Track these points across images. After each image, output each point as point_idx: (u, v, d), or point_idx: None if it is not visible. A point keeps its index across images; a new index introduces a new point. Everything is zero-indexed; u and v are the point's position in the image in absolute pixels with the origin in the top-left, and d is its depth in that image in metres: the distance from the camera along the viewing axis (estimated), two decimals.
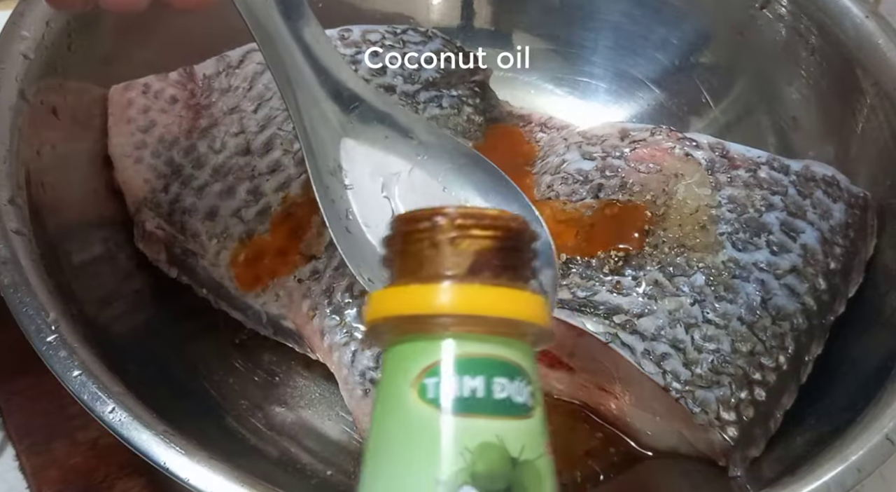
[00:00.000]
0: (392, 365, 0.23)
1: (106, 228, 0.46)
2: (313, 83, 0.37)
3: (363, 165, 0.38)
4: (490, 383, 0.22)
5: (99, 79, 0.48)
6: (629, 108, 0.58)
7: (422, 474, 0.22)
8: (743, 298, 0.41)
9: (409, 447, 0.22)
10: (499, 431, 0.22)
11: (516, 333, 0.24)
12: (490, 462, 0.22)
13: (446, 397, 0.22)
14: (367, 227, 0.37)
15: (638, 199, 0.45)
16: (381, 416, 0.23)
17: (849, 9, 0.49)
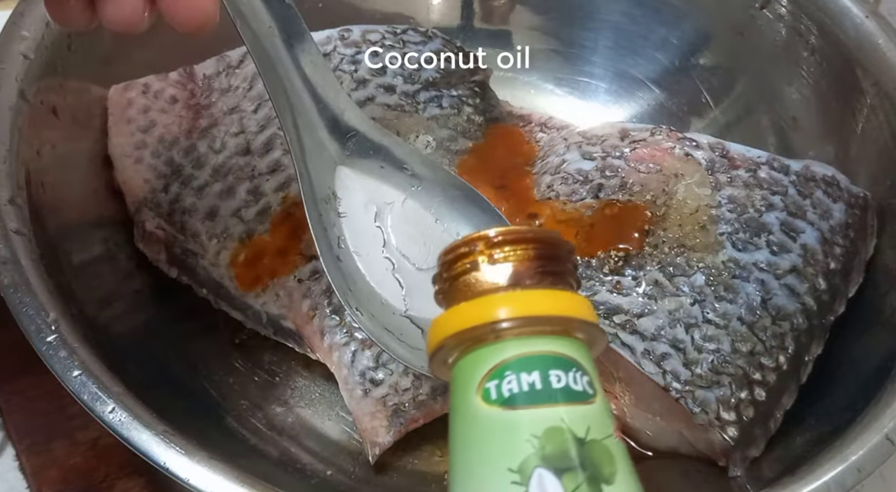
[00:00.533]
0: (458, 378, 0.26)
1: (106, 228, 0.46)
2: (312, 111, 0.38)
3: (357, 194, 0.38)
4: (546, 375, 0.24)
5: (99, 79, 0.48)
6: (629, 108, 0.58)
7: (496, 466, 0.23)
8: (743, 298, 0.41)
9: (482, 446, 0.24)
10: (563, 415, 0.24)
11: (562, 330, 0.26)
12: (558, 443, 0.23)
13: (508, 395, 0.24)
14: (357, 255, 0.37)
15: (638, 199, 0.45)
16: (455, 425, 0.25)
17: (849, 9, 0.49)
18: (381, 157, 0.39)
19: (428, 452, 0.44)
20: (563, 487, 0.23)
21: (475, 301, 0.26)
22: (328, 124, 0.38)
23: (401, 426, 0.41)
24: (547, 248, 0.27)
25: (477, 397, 0.25)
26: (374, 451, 0.41)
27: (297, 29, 0.37)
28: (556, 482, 0.23)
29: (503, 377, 0.25)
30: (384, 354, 0.43)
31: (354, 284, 0.36)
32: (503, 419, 0.24)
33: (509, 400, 0.24)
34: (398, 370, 0.42)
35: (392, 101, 0.49)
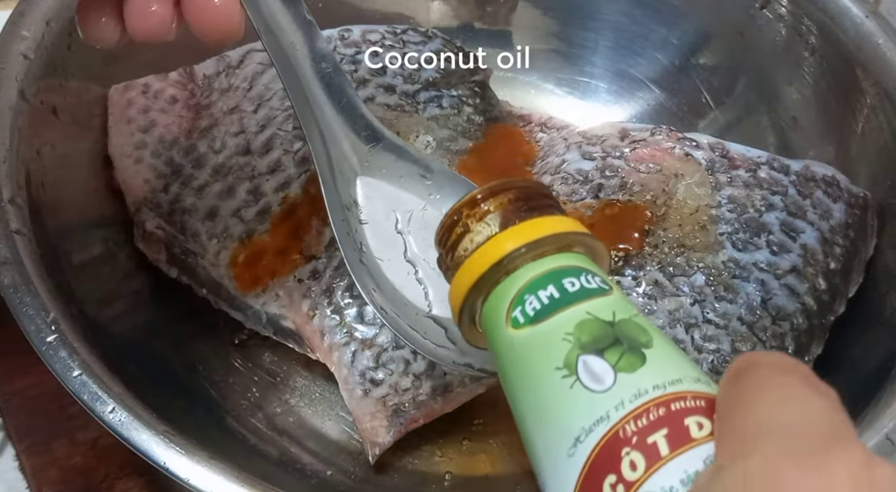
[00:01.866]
0: (489, 326, 0.28)
1: (106, 228, 0.46)
2: (335, 122, 0.39)
3: (378, 202, 0.39)
4: (560, 285, 0.27)
5: (99, 79, 0.48)
6: (629, 108, 0.58)
7: (545, 372, 0.25)
8: (743, 298, 0.42)
9: (527, 363, 0.26)
10: (587, 309, 0.26)
11: (562, 246, 0.28)
12: (591, 331, 0.25)
13: (533, 314, 0.26)
14: (380, 260, 0.37)
15: (638, 199, 0.45)
16: (503, 366, 0.27)
17: (849, 9, 0.49)
18: (400, 167, 0.39)
19: (428, 452, 0.44)
20: (607, 361, 0.24)
21: (478, 252, 0.28)
22: (349, 136, 0.39)
23: (401, 426, 0.41)
24: (523, 190, 0.29)
25: (508, 329, 0.27)
26: (374, 451, 0.41)
27: (319, 44, 0.39)
28: (601, 360, 0.24)
29: (524, 302, 0.27)
30: (384, 355, 0.43)
31: (378, 286, 0.37)
32: (537, 333, 0.26)
33: (536, 316, 0.26)
34: (398, 370, 0.42)
35: (392, 101, 0.49)
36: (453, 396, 0.42)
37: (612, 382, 0.24)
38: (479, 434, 0.45)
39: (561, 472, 0.24)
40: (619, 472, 0.22)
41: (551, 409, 0.25)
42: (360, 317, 0.43)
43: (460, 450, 0.44)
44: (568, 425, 0.24)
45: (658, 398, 0.23)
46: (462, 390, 0.42)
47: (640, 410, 0.23)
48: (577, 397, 0.24)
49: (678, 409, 0.23)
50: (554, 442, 0.24)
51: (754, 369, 0.23)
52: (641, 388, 0.23)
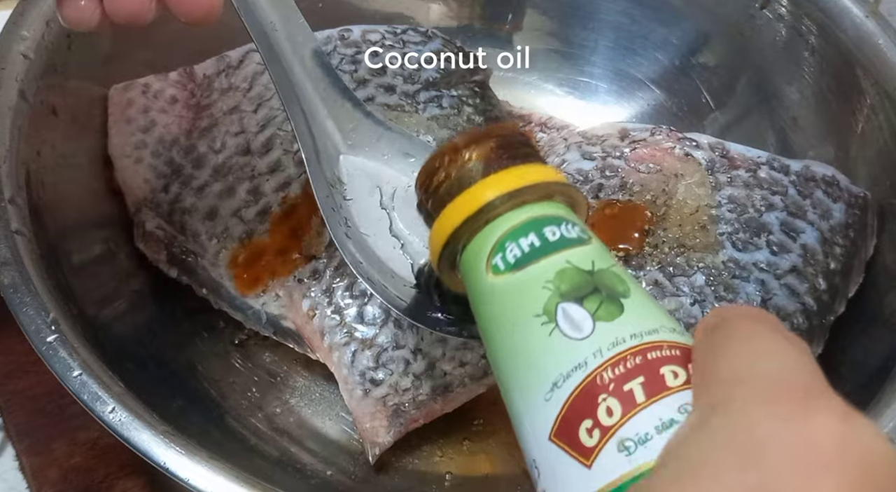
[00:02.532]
0: (468, 270, 0.28)
1: (106, 228, 0.46)
2: (316, 101, 0.39)
3: (362, 180, 0.39)
4: (541, 233, 0.27)
5: (99, 79, 0.48)
6: (629, 108, 0.58)
7: (524, 318, 0.25)
8: (743, 298, 0.41)
9: (506, 309, 0.26)
10: (567, 258, 0.26)
11: (543, 195, 0.28)
12: (570, 279, 0.26)
13: (513, 260, 0.27)
14: (366, 235, 0.37)
15: (638, 199, 0.45)
16: (480, 311, 0.27)
17: (849, 9, 0.49)
18: (383, 146, 0.40)
19: (428, 452, 0.44)
20: (586, 310, 0.25)
21: (459, 199, 0.28)
22: (331, 116, 0.39)
23: (401, 426, 0.41)
24: (506, 138, 0.29)
25: (488, 275, 0.27)
26: (374, 451, 0.41)
27: (297, 25, 0.39)
28: (580, 308, 0.25)
29: (504, 249, 0.27)
30: (384, 355, 0.43)
31: (366, 259, 0.37)
32: (516, 280, 0.26)
33: (516, 264, 0.26)
34: (398, 370, 0.42)
35: (392, 102, 0.49)
36: (453, 396, 0.42)
37: (590, 330, 0.24)
38: (479, 434, 0.45)
39: (538, 416, 0.24)
40: (595, 417, 0.23)
41: (529, 355, 0.25)
42: (360, 317, 0.43)
43: (460, 450, 0.44)
44: (546, 370, 0.24)
45: (635, 347, 0.24)
46: (462, 390, 0.42)
47: (617, 358, 0.23)
48: (555, 343, 0.24)
49: (654, 358, 0.23)
50: (531, 387, 0.24)
51: (727, 321, 0.23)
52: (619, 336, 0.24)
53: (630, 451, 0.22)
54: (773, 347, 0.22)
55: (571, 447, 0.23)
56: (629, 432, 0.22)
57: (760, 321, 0.23)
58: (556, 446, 0.23)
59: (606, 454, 0.22)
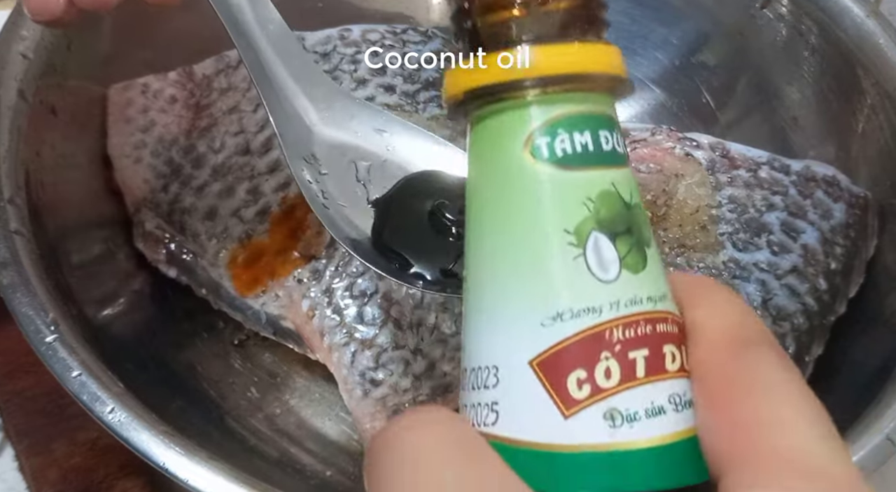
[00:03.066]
0: (495, 132, 0.23)
1: (105, 228, 0.46)
2: (287, 80, 0.39)
3: (337, 155, 0.39)
4: (597, 136, 0.23)
5: (98, 78, 0.48)
6: (629, 108, 0.58)
7: (553, 226, 0.22)
8: (743, 298, 0.41)
9: (535, 203, 0.22)
10: (612, 179, 0.23)
11: (609, 88, 0.24)
12: (611, 207, 0.23)
13: (561, 154, 0.23)
14: (344, 206, 0.38)
15: None
16: (492, 180, 0.23)
17: (849, 8, 0.49)
18: (356, 124, 0.40)
19: None
20: (617, 251, 0.22)
21: (534, 50, 0.23)
22: (304, 95, 0.39)
23: None
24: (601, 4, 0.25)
25: (525, 152, 0.23)
26: None
27: (264, 3, 0.38)
28: (611, 247, 0.22)
29: (555, 135, 0.23)
30: (384, 355, 0.43)
31: (351, 222, 0.37)
32: (557, 179, 0.23)
33: (563, 160, 0.23)
34: (398, 371, 0.42)
35: (392, 101, 0.49)
36: (453, 396, 0.42)
37: (615, 275, 0.22)
38: None
39: (524, 335, 0.22)
40: (591, 372, 0.21)
41: (542, 270, 0.22)
42: (359, 317, 0.43)
43: None
44: (556, 296, 0.22)
45: (649, 313, 0.22)
46: None
47: (632, 319, 0.22)
48: (576, 273, 0.22)
49: (661, 332, 0.22)
50: (528, 303, 0.22)
51: (757, 350, 0.21)
52: (638, 295, 0.22)
53: (615, 423, 0.21)
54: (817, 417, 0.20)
55: (553, 388, 0.21)
56: (621, 404, 0.21)
57: (790, 368, 0.21)
58: (534, 374, 0.21)
59: (590, 416, 0.21)
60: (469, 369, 0.23)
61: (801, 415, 0.20)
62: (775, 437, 0.20)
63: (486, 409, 0.22)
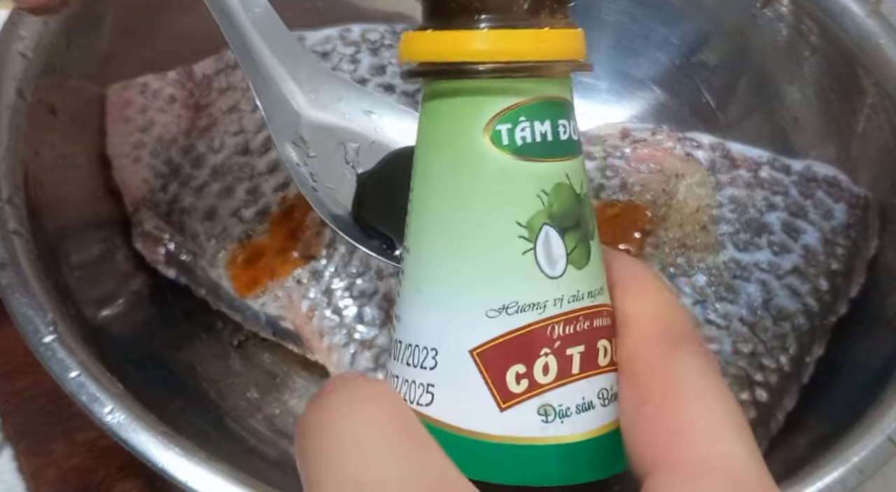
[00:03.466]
0: (454, 111, 0.22)
1: (104, 228, 0.46)
2: (275, 64, 0.39)
3: (325, 137, 0.39)
4: (556, 125, 0.23)
5: (97, 78, 0.48)
6: (630, 108, 0.58)
7: (504, 218, 0.22)
8: (744, 298, 0.41)
9: (485, 195, 0.22)
10: (566, 170, 0.22)
11: (569, 71, 0.24)
12: (563, 201, 0.22)
13: (521, 143, 0.22)
14: (332, 188, 0.38)
15: (638, 199, 0.45)
16: (448, 162, 0.22)
17: (850, 8, 0.49)
18: (343, 106, 0.40)
19: None
20: (565, 245, 0.22)
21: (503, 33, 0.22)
22: (290, 78, 0.39)
23: None
24: None
25: (485, 137, 0.22)
26: None
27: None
28: (560, 241, 0.22)
29: (517, 122, 0.22)
30: (384, 356, 0.42)
31: (334, 207, 0.37)
32: (514, 169, 0.22)
33: (521, 149, 0.22)
34: None
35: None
36: None
37: (561, 271, 0.22)
38: None
39: (467, 323, 0.22)
40: (530, 367, 0.21)
41: (491, 259, 0.22)
42: (359, 318, 0.43)
43: None
44: (503, 288, 0.22)
45: (588, 308, 0.22)
46: None
47: (572, 315, 0.22)
48: (525, 267, 0.22)
49: (598, 327, 0.22)
50: (475, 292, 0.22)
51: (687, 349, 0.22)
52: (581, 291, 0.22)
53: (548, 419, 0.21)
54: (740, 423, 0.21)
55: (492, 379, 0.21)
56: (554, 400, 0.21)
57: (715, 371, 0.22)
58: (474, 363, 0.22)
59: (524, 410, 0.21)
60: (404, 343, 0.23)
61: (729, 423, 0.21)
62: (705, 444, 0.20)
63: (422, 389, 0.22)
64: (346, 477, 0.20)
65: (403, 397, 0.22)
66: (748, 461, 0.20)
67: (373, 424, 0.21)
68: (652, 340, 0.22)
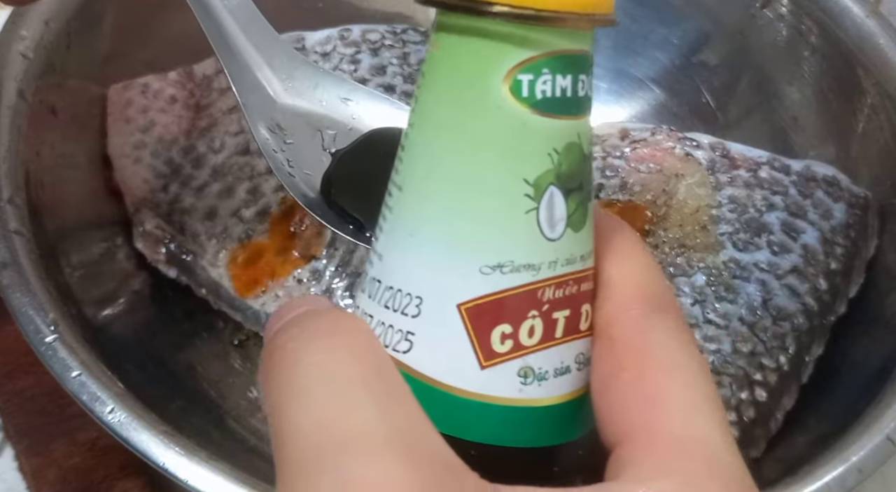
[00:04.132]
0: (475, 52, 0.21)
1: (105, 228, 0.46)
2: (251, 52, 0.39)
3: (302, 125, 0.39)
4: (576, 81, 0.21)
5: (98, 78, 0.48)
6: (629, 107, 0.58)
7: (510, 176, 0.21)
8: (744, 298, 0.41)
9: (495, 148, 0.21)
10: (578, 129, 0.22)
11: (595, 26, 0.22)
12: (572, 162, 0.21)
13: (540, 97, 0.21)
14: (309, 174, 0.37)
15: (638, 199, 0.45)
16: (459, 106, 0.21)
17: (849, 8, 0.49)
18: (320, 93, 0.40)
19: None
20: (567, 208, 0.21)
21: None
22: (266, 66, 0.39)
23: None
24: None
25: (504, 86, 0.21)
26: None
27: None
28: (563, 203, 0.21)
29: (540, 74, 0.21)
30: None
31: (310, 192, 0.37)
32: (530, 123, 0.21)
33: (539, 103, 0.21)
34: None
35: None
36: None
37: (560, 234, 0.21)
38: None
39: (457, 280, 0.21)
40: (517, 329, 0.21)
41: (493, 215, 0.21)
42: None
43: None
44: (501, 246, 0.21)
45: (579, 272, 0.22)
46: None
47: (564, 279, 0.21)
48: (526, 227, 0.21)
49: (584, 291, 0.22)
50: (472, 246, 0.21)
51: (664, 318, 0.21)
52: (574, 254, 0.22)
53: (526, 381, 0.21)
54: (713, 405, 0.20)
55: (477, 336, 0.21)
56: (535, 362, 0.21)
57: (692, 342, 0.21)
58: (460, 318, 0.21)
59: (505, 370, 0.21)
60: (385, 284, 0.22)
61: (708, 403, 0.20)
62: (683, 421, 0.20)
63: (400, 335, 0.22)
64: (325, 419, 0.19)
65: (379, 339, 0.22)
66: (724, 445, 0.20)
67: (353, 363, 0.20)
68: (633, 306, 0.22)
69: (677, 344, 0.21)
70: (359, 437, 0.18)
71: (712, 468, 0.19)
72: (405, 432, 0.19)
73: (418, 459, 0.18)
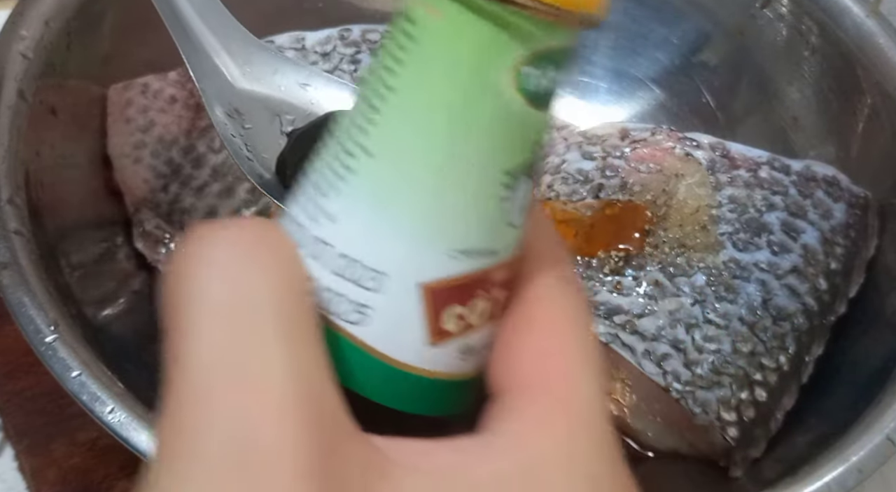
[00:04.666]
0: (485, 37, 0.20)
1: (105, 228, 0.46)
2: (208, 37, 0.39)
3: (260, 110, 0.39)
4: (561, 75, 0.21)
5: (98, 78, 0.48)
6: (629, 108, 0.58)
7: (495, 165, 0.21)
8: (744, 298, 0.41)
9: (489, 135, 0.21)
10: (549, 120, 0.22)
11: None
12: (539, 152, 0.22)
13: (534, 89, 0.21)
14: (267, 158, 0.38)
15: (638, 199, 0.45)
16: (456, 88, 0.21)
17: (850, 8, 0.49)
18: (279, 79, 0.40)
19: None
20: (529, 196, 0.22)
21: None
22: (224, 50, 0.39)
23: None
24: None
25: (510, 75, 0.20)
26: None
27: None
28: (528, 192, 0.22)
29: (540, 67, 0.21)
30: None
31: (268, 175, 0.37)
32: (524, 115, 0.21)
33: (534, 95, 0.21)
34: None
35: None
36: None
37: (521, 222, 0.22)
38: None
39: (423, 259, 0.21)
40: (469, 308, 0.21)
41: (471, 201, 0.21)
42: None
43: None
44: (472, 232, 0.21)
45: (520, 254, 0.22)
46: None
47: (512, 261, 0.22)
48: (497, 215, 0.21)
49: (518, 269, 0.23)
50: (443, 229, 0.21)
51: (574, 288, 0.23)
52: (521, 238, 0.22)
53: (464, 357, 0.22)
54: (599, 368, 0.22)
55: (432, 316, 0.21)
56: (475, 340, 0.22)
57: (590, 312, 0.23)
58: (419, 296, 0.21)
59: (451, 347, 0.22)
60: (338, 250, 0.21)
61: (596, 368, 0.21)
62: (573, 380, 0.21)
63: (352, 306, 0.21)
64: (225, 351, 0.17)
65: (325, 307, 0.22)
66: (603, 409, 0.21)
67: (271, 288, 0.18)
68: (544, 267, 0.22)
69: (582, 310, 0.22)
70: (258, 384, 0.17)
71: (590, 431, 0.20)
72: (309, 386, 0.17)
73: (317, 422, 0.17)
